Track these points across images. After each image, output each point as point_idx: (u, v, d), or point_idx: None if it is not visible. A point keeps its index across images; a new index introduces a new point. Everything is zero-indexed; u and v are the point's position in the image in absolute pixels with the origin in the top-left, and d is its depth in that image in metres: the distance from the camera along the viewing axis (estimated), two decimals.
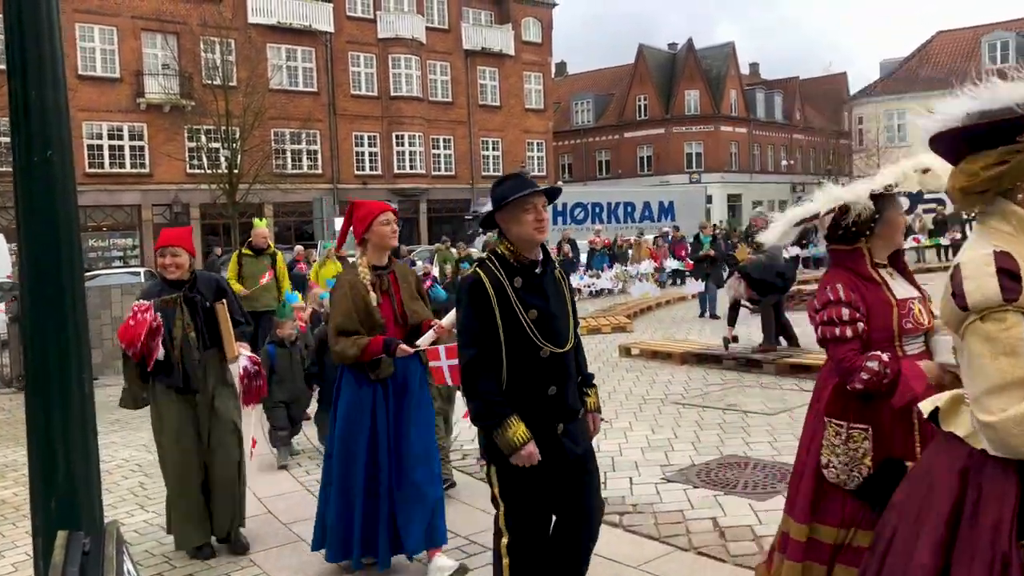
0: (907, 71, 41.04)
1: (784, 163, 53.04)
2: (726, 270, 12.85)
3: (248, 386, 4.77)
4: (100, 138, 28.93)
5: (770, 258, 9.98)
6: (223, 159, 26.30)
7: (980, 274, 1.84)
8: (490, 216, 3.12)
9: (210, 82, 26.69)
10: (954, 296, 1.89)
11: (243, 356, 4.71)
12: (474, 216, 33.50)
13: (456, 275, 15.75)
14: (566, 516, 3.14)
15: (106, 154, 29.13)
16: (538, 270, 3.09)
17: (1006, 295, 1.80)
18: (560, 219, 31.81)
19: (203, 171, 27.29)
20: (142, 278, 20.33)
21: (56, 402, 2.47)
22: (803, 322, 12.46)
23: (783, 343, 10.04)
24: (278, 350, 6.79)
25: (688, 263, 17.56)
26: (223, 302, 4.64)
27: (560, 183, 44.25)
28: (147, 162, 29.89)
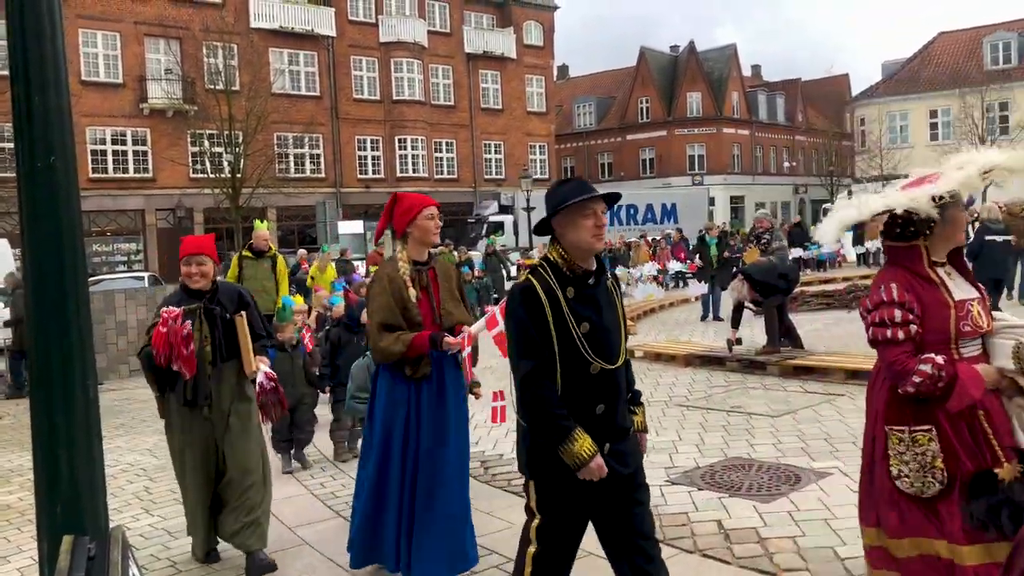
0: (909, 72, 40.98)
1: (786, 165, 53.04)
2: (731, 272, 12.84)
3: (263, 403, 4.62)
4: (103, 143, 28.99)
5: (780, 260, 9.99)
6: (226, 163, 26.33)
7: None
8: (545, 221, 2.96)
9: (213, 87, 26.73)
10: None
11: (260, 372, 4.56)
12: (477, 219, 33.54)
13: None
14: (614, 540, 2.96)
15: (109, 159, 29.20)
16: (591, 280, 2.92)
17: None
18: None
19: (206, 175, 27.34)
20: (146, 283, 20.36)
21: (60, 407, 2.47)
22: (806, 323, 12.48)
23: (787, 344, 10.03)
24: (278, 354, 6.76)
25: (692, 265, 17.52)
26: (242, 314, 4.45)
27: None
28: (150, 167, 29.96)
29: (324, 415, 7.18)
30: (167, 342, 4.14)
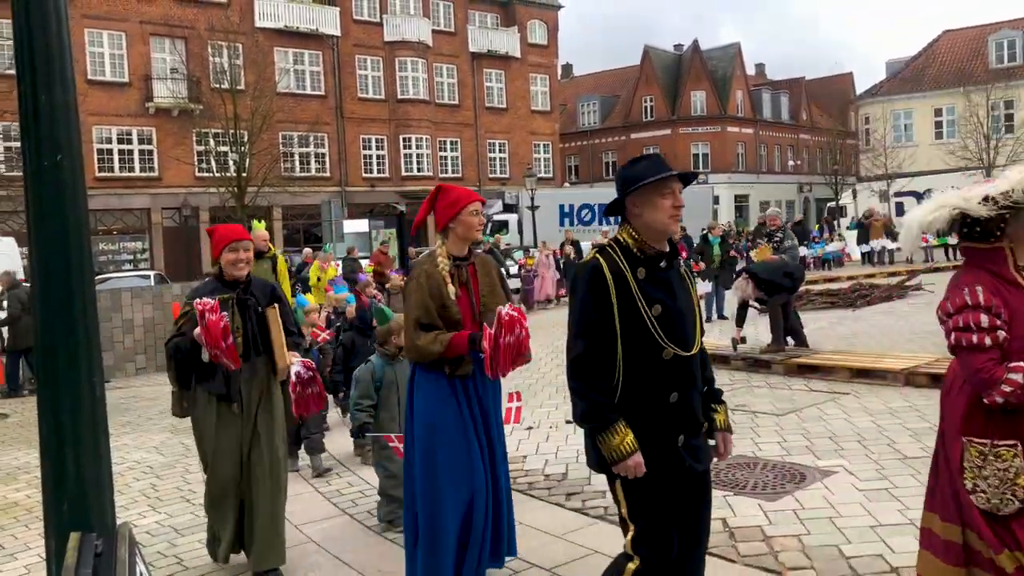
0: (913, 70, 40.83)
1: (791, 163, 52.97)
2: (735, 271, 12.83)
3: (301, 394, 4.33)
4: (109, 142, 29.08)
5: (792, 258, 9.98)
6: (231, 162, 26.37)
7: None
8: (617, 202, 2.81)
9: (218, 86, 26.77)
10: None
11: (296, 363, 4.34)
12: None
13: None
14: (680, 539, 2.82)
15: (115, 158, 29.28)
16: (663, 263, 2.78)
17: None
18: (567, 220, 31.83)
19: (212, 175, 27.38)
20: (152, 281, 20.41)
21: (67, 404, 2.48)
22: (811, 322, 12.40)
23: (791, 343, 10.01)
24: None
25: (695, 265, 17.50)
26: (275, 307, 4.31)
27: (567, 184, 44.32)
28: (156, 166, 30.04)
29: (328, 416, 7.20)
30: (215, 333, 3.92)
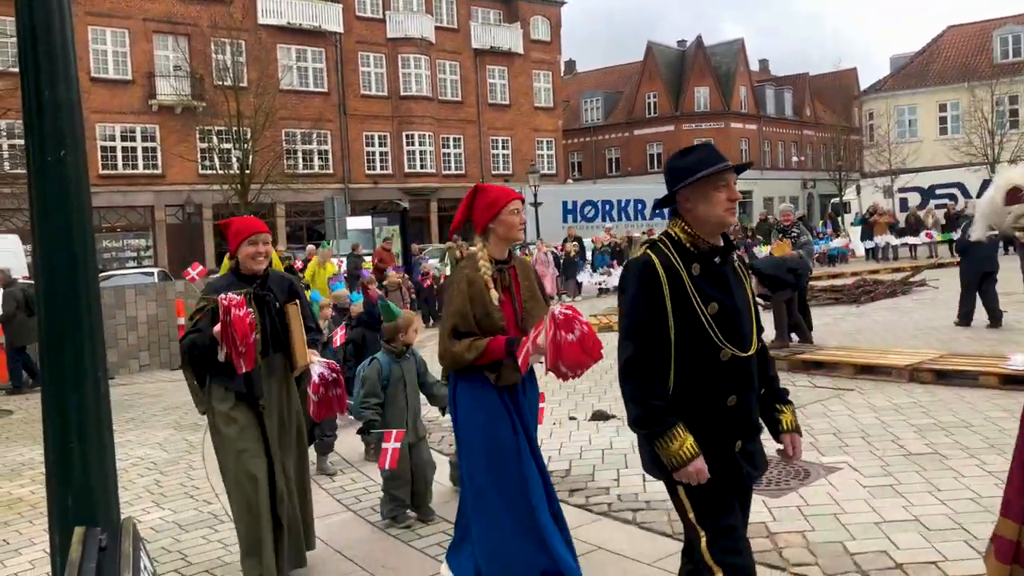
0: (918, 66, 40.71)
1: (795, 159, 52.88)
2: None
3: (324, 396, 4.17)
4: (113, 140, 29.11)
5: (808, 253, 9.98)
6: (235, 159, 26.38)
7: None
8: (669, 195, 2.67)
9: (221, 83, 26.77)
10: None
11: (317, 363, 4.17)
12: None
13: None
14: None
15: (119, 156, 29.31)
16: (717, 259, 2.65)
17: None
18: (570, 217, 31.82)
19: (215, 172, 27.40)
20: (155, 278, 20.43)
21: (72, 401, 2.49)
22: (815, 318, 12.36)
23: (795, 339, 10.01)
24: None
25: None
26: (296, 303, 4.12)
27: (570, 181, 44.28)
28: (159, 163, 30.06)
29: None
30: (233, 331, 3.69)
